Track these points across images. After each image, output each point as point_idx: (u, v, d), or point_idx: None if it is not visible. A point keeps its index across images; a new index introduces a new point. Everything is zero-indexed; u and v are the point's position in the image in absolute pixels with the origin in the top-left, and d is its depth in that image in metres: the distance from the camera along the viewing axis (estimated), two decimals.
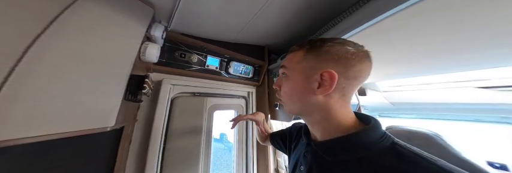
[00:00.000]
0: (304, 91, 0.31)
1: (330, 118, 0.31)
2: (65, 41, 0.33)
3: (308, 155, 0.35)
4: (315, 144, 0.33)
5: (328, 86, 0.28)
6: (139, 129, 0.64)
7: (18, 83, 0.27)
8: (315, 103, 0.31)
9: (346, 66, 0.28)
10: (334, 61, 0.29)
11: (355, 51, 0.29)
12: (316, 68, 0.30)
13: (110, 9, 0.40)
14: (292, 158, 0.43)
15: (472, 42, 0.44)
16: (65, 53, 0.32)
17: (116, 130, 0.47)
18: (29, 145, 0.28)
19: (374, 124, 0.29)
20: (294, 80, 0.33)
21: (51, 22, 0.30)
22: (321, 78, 0.29)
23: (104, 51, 0.38)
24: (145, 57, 0.51)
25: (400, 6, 0.35)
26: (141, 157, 0.61)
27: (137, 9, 0.47)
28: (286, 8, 0.59)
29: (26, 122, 0.28)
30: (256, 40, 0.92)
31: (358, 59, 0.28)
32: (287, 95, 0.35)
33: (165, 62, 0.68)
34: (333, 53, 0.29)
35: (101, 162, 0.44)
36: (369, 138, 0.27)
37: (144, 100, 0.64)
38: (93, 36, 0.37)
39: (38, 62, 0.29)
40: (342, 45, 0.29)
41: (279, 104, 0.95)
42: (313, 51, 0.31)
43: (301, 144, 0.42)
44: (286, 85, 0.35)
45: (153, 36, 0.55)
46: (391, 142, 0.26)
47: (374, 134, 0.27)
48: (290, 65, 0.34)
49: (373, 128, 0.28)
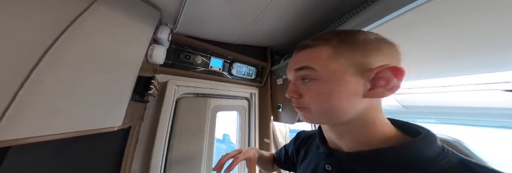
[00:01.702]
0: (350, 96, 0.24)
1: (369, 126, 0.25)
2: (80, 44, 0.34)
3: (331, 169, 0.29)
4: (343, 155, 0.27)
5: (390, 86, 0.23)
6: (145, 128, 0.65)
7: (36, 85, 0.29)
8: (361, 110, 0.25)
9: (398, 61, 0.24)
10: (382, 54, 0.24)
11: (394, 44, 0.25)
12: (365, 64, 0.24)
13: (120, 13, 0.42)
14: (303, 169, 0.36)
15: (506, 38, 0.37)
16: (79, 56, 0.34)
17: (124, 129, 0.49)
18: (43, 143, 0.30)
19: (426, 135, 0.23)
20: (334, 82, 0.25)
21: (67, 26, 0.32)
22: (376, 76, 0.23)
23: (114, 53, 0.40)
24: (152, 59, 0.53)
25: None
26: (147, 155, 0.63)
27: (145, 12, 0.49)
28: (288, 10, 0.60)
29: (41, 121, 0.29)
30: (259, 41, 0.93)
31: (397, 55, 0.24)
32: (319, 103, 0.26)
33: (170, 64, 0.70)
34: (376, 44, 0.24)
35: (110, 159, 0.46)
36: (427, 152, 0.21)
37: (151, 101, 0.66)
38: (105, 38, 0.39)
39: (55, 64, 0.31)
40: (377, 36, 0.25)
41: (281, 105, 0.95)
42: (345, 45, 0.25)
43: (317, 154, 0.34)
44: (316, 91, 0.26)
45: (159, 39, 0.57)
46: (459, 159, 0.20)
47: (431, 148, 0.21)
48: (319, 64, 0.26)
49: (429, 140, 0.22)
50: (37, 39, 0.29)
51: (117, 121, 0.39)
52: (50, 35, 0.31)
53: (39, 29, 0.30)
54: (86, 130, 0.34)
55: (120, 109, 0.40)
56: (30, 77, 0.28)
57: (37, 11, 0.30)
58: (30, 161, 0.31)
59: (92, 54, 0.36)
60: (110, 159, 0.46)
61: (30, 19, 0.29)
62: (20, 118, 0.27)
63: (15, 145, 0.26)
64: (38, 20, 0.30)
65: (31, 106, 0.28)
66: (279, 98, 0.98)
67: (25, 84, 0.27)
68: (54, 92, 0.31)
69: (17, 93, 0.27)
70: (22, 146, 0.28)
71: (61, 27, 0.32)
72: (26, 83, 0.27)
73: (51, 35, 0.31)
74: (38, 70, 0.28)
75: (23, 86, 0.27)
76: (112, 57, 0.39)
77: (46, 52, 0.29)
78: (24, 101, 0.27)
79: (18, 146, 0.29)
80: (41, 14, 0.30)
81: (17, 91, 0.27)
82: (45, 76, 0.29)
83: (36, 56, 0.29)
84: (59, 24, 0.32)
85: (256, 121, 1.04)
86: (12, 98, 0.26)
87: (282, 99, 0.96)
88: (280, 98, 0.97)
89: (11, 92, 0.26)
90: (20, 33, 0.28)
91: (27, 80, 0.27)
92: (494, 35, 0.38)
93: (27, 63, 0.28)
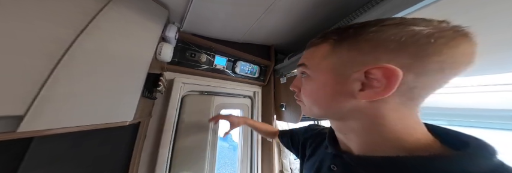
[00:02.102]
0: (335, 94, 0.24)
1: (379, 130, 0.22)
2: (96, 41, 0.36)
3: (336, 170, 0.28)
4: (352, 158, 0.25)
5: (381, 88, 0.20)
6: (153, 125, 0.67)
7: (57, 81, 0.30)
8: (351, 109, 0.23)
9: (419, 57, 0.18)
10: (389, 51, 0.19)
11: (434, 31, 0.18)
12: (354, 64, 0.22)
13: (132, 12, 0.44)
14: (308, 167, 0.36)
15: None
16: (95, 53, 0.36)
17: (134, 124, 0.51)
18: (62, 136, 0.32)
19: (479, 147, 0.18)
20: (319, 80, 0.25)
21: (86, 26, 0.34)
22: (366, 77, 0.21)
23: (126, 51, 0.42)
24: (161, 56, 0.54)
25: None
26: (154, 151, 0.65)
27: (155, 11, 0.50)
28: (292, 8, 0.60)
29: (62, 114, 0.31)
30: (263, 40, 0.94)
31: (443, 42, 0.18)
32: (309, 99, 0.28)
33: (177, 62, 0.72)
34: (385, 40, 0.19)
35: (121, 153, 0.48)
36: (472, 167, 0.17)
37: (158, 98, 0.68)
38: (119, 36, 0.40)
39: (74, 61, 0.32)
40: (401, 26, 0.19)
41: (285, 104, 0.96)
42: (344, 42, 0.23)
43: (325, 153, 0.34)
44: (307, 87, 0.27)
45: (167, 37, 0.58)
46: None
47: (478, 164, 0.17)
48: (311, 62, 0.26)
49: (480, 154, 0.18)
50: (58, 38, 0.31)
51: (129, 116, 0.41)
52: (70, 34, 0.32)
53: (59, 28, 0.31)
54: (101, 124, 0.36)
55: (132, 104, 0.42)
56: (53, 73, 0.29)
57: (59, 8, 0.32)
58: (50, 151, 0.33)
59: (106, 51, 0.38)
60: (122, 152, 0.48)
61: (55, 15, 0.31)
62: (43, 111, 0.28)
63: (38, 136, 0.28)
64: (61, 18, 0.31)
65: (52, 100, 0.30)
66: (283, 97, 0.99)
67: (48, 80, 0.29)
68: (72, 87, 0.32)
69: (42, 88, 0.28)
70: (44, 137, 0.30)
71: (80, 27, 0.33)
72: (49, 78, 0.29)
73: (70, 34, 0.32)
74: (59, 67, 0.30)
75: (47, 82, 0.29)
76: (124, 55, 0.41)
77: (67, 50, 0.31)
78: (47, 95, 0.29)
79: (40, 137, 0.31)
80: (65, 11, 0.32)
81: (41, 86, 0.28)
82: (65, 73, 0.31)
83: (58, 54, 0.31)
84: (78, 23, 0.34)
85: (259, 119, 1.04)
86: (37, 92, 0.28)
87: (285, 98, 0.96)
88: (284, 97, 0.98)
89: (36, 87, 0.28)
90: (41, 32, 0.30)
91: (51, 76, 0.29)
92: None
93: (51, 60, 0.30)
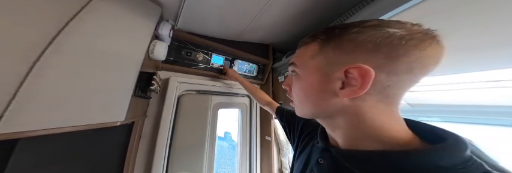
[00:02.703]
0: (321, 93, 0.25)
1: (361, 126, 0.24)
2: (81, 38, 0.34)
3: (324, 163, 0.30)
4: (338, 151, 0.27)
5: (357, 87, 0.21)
6: (148, 125, 0.66)
7: (37, 79, 0.29)
8: (337, 107, 0.24)
9: (391, 57, 0.20)
10: (367, 52, 0.21)
11: (405, 33, 0.20)
12: (337, 63, 0.23)
13: (121, 7, 0.42)
14: (300, 160, 0.38)
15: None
16: (79, 50, 0.34)
17: (127, 125, 0.49)
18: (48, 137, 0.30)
19: (454, 143, 0.20)
20: (307, 79, 0.27)
21: (67, 22, 0.32)
22: (346, 76, 0.23)
23: (116, 48, 0.40)
24: (154, 55, 0.53)
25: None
26: (150, 151, 0.64)
27: (146, 7, 0.49)
28: (289, 6, 0.59)
29: (44, 115, 0.30)
30: (261, 39, 0.92)
31: (413, 44, 0.20)
32: (299, 97, 0.30)
33: (172, 60, 0.70)
34: (363, 40, 0.21)
35: (114, 155, 0.47)
36: (444, 161, 0.18)
37: (153, 97, 0.66)
38: (106, 33, 0.39)
39: (55, 59, 0.31)
40: (378, 28, 0.21)
41: (283, 103, 0.95)
42: (331, 42, 0.24)
43: (314, 147, 0.36)
44: (297, 85, 0.29)
45: (161, 35, 0.57)
46: (484, 170, 0.18)
47: (453, 157, 0.19)
48: (301, 61, 0.28)
49: (454, 149, 0.19)
50: (37, 35, 0.30)
51: (120, 116, 0.39)
52: (50, 31, 0.31)
53: (38, 24, 0.30)
54: (90, 124, 0.34)
55: (122, 104, 0.40)
56: (32, 71, 0.28)
57: (35, 6, 0.30)
58: (36, 153, 0.31)
59: (93, 48, 0.36)
60: (115, 153, 0.47)
61: (27, 15, 0.29)
62: (22, 111, 0.27)
63: (19, 138, 0.27)
64: (36, 16, 0.29)
65: (32, 100, 0.28)
66: (281, 95, 0.98)
67: (27, 78, 0.27)
68: (55, 86, 0.31)
69: (19, 87, 0.27)
70: (29, 139, 0.28)
71: (63, 21, 0.32)
72: (28, 77, 0.27)
73: (50, 30, 0.31)
74: (39, 65, 0.29)
75: (25, 81, 0.27)
76: (113, 52, 0.39)
77: (47, 47, 0.29)
78: (26, 95, 0.27)
79: (25, 139, 0.29)
80: (40, 9, 0.30)
81: (19, 85, 0.27)
82: (46, 71, 0.30)
83: (37, 51, 0.29)
84: (60, 19, 0.32)
85: (258, 118, 1.04)
86: (15, 92, 0.26)
87: (283, 96, 0.96)
88: (282, 96, 0.97)
89: (12, 87, 0.26)
90: (19, 29, 0.28)
91: (29, 74, 0.28)
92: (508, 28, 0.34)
93: (28, 58, 0.28)
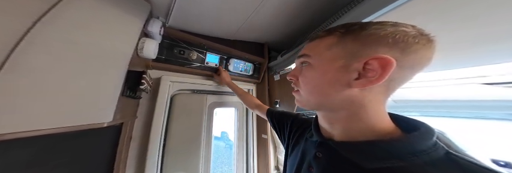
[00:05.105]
0: (335, 83, 0.26)
1: (361, 118, 0.25)
2: (58, 35, 0.32)
3: (322, 156, 0.30)
4: (336, 144, 0.28)
5: (375, 77, 0.22)
6: (139, 126, 0.64)
7: (11, 76, 0.27)
8: (346, 98, 0.25)
9: (405, 53, 0.22)
10: (386, 45, 0.23)
11: (417, 33, 0.22)
12: (357, 55, 0.24)
13: (104, 2, 0.40)
14: (293, 156, 0.38)
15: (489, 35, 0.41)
16: (57, 48, 0.32)
17: (115, 126, 0.47)
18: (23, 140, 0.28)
19: (425, 131, 0.23)
20: (321, 69, 0.27)
21: (41, 17, 0.30)
22: (364, 67, 0.23)
23: (99, 46, 0.38)
24: (143, 53, 0.51)
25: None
26: (142, 154, 0.62)
27: (133, 3, 0.47)
28: (284, 5, 0.58)
29: (21, 117, 0.28)
30: (256, 37, 0.91)
31: (423, 43, 0.22)
32: (307, 87, 0.29)
33: (164, 59, 0.68)
34: (384, 35, 0.23)
35: (102, 158, 0.44)
36: (418, 146, 0.22)
37: (144, 97, 0.64)
38: (88, 30, 0.37)
39: (29, 54, 0.29)
40: (395, 26, 0.23)
41: (279, 101, 0.94)
42: (351, 35, 0.25)
43: (308, 142, 0.36)
44: (308, 75, 0.29)
45: (150, 32, 0.54)
46: (445, 151, 0.22)
47: (424, 142, 0.23)
48: (315, 51, 0.28)
49: (424, 136, 0.23)
50: (6, 30, 0.27)
51: (107, 117, 0.37)
52: (25, 22, 0.28)
53: (6, 20, 0.27)
54: (74, 126, 0.32)
55: (110, 104, 0.38)
56: (3, 68, 0.26)
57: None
58: (13, 158, 0.29)
59: (73, 43, 0.34)
60: (103, 155, 0.45)
61: None
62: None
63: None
64: (8, 5, 0.27)
65: (6, 100, 0.26)
66: (277, 94, 0.98)
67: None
68: (31, 85, 0.29)
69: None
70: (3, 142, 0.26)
71: (38, 14, 0.29)
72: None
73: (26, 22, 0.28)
74: (11, 60, 0.26)
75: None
76: (97, 49, 0.37)
77: (21, 40, 0.27)
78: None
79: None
80: (7, 2, 0.28)
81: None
82: (20, 67, 0.27)
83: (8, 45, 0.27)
84: (36, 10, 0.30)
85: (254, 117, 1.03)
86: None
87: (279, 95, 0.96)
88: (278, 94, 0.97)
89: None
90: None
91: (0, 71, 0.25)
92: (474, 33, 0.41)
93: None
